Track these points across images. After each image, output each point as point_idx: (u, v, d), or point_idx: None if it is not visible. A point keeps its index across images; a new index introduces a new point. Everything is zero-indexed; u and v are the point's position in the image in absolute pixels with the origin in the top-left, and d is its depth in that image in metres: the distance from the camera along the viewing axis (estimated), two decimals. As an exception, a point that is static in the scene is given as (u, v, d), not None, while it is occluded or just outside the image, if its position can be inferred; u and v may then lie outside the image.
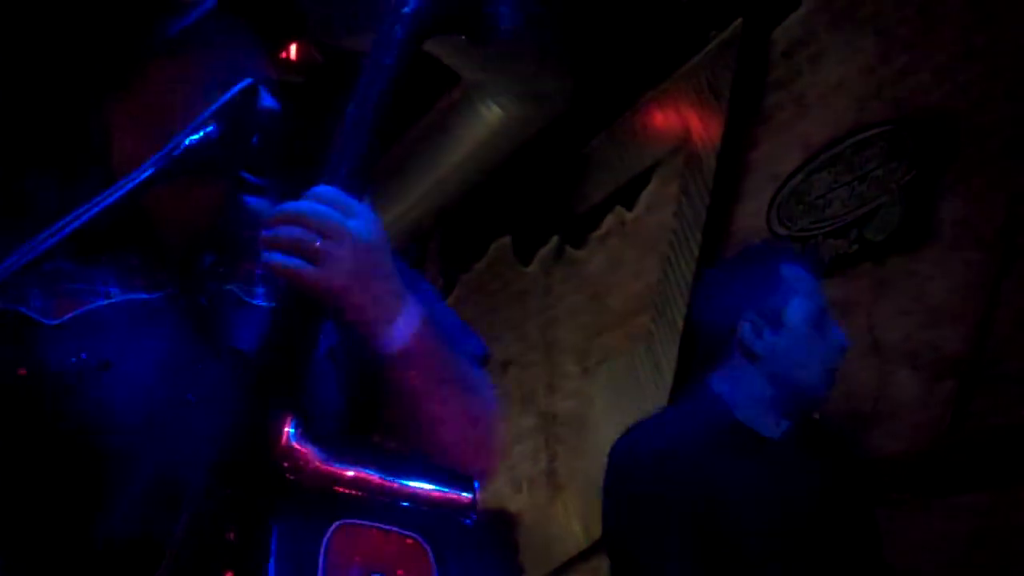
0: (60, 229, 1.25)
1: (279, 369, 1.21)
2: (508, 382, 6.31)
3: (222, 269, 1.58)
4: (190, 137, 1.37)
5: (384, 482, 1.16)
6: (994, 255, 3.56)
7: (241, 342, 1.48)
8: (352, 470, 1.15)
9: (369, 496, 1.15)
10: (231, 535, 1.12)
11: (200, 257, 1.58)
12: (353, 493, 1.14)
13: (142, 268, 1.56)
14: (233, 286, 1.57)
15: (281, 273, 1.27)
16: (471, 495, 1.20)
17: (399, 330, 1.33)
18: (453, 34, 1.35)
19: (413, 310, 1.37)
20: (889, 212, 3.94)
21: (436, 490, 1.19)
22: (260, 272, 1.61)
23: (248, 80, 1.42)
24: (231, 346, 1.49)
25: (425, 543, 1.15)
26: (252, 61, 1.58)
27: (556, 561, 5.61)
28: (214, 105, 1.40)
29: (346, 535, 1.11)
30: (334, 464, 1.15)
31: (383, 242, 1.34)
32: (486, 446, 1.49)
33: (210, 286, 1.56)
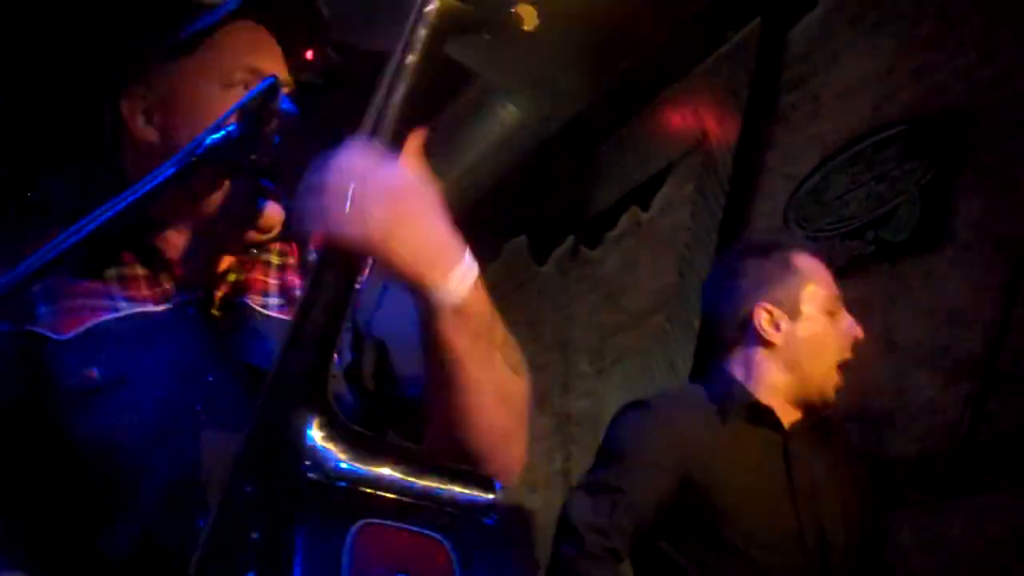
0: (70, 236, 1.26)
1: (302, 369, 1.21)
2: (523, 382, 6.30)
3: (234, 279, 1.58)
4: (211, 136, 1.37)
5: (406, 483, 1.16)
6: (1012, 256, 3.54)
7: (253, 352, 1.48)
8: (375, 471, 1.16)
9: (392, 496, 1.15)
10: (255, 535, 1.13)
11: (210, 266, 1.58)
12: (376, 493, 1.14)
13: (149, 279, 1.56)
14: (245, 296, 1.57)
15: (317, 221, 1.24)
16: (492, 495, 1.21)
17: (456, 280, 1.29)
18: (476, 34, 1.35)
19: (471, 263, 1.32)
20: (906, 212, 3.93)
21: (458, 490, 1.19)
22: (274, 281, 1.61)
23: (269, 80, 1.42)
24: (242, 356, 1.49)
25: (447, 543, 1.15)
26: (270, 61, 1.58)
27: (570, 561, 5.60)
28: (236, 105, 1.41)
29: (369, 535, 1.11)
30: (357, 465, 1.15)
31: (424, 191, 1.30)
32: (516, 433, 1.44)
33: (221, 297, 1.56)
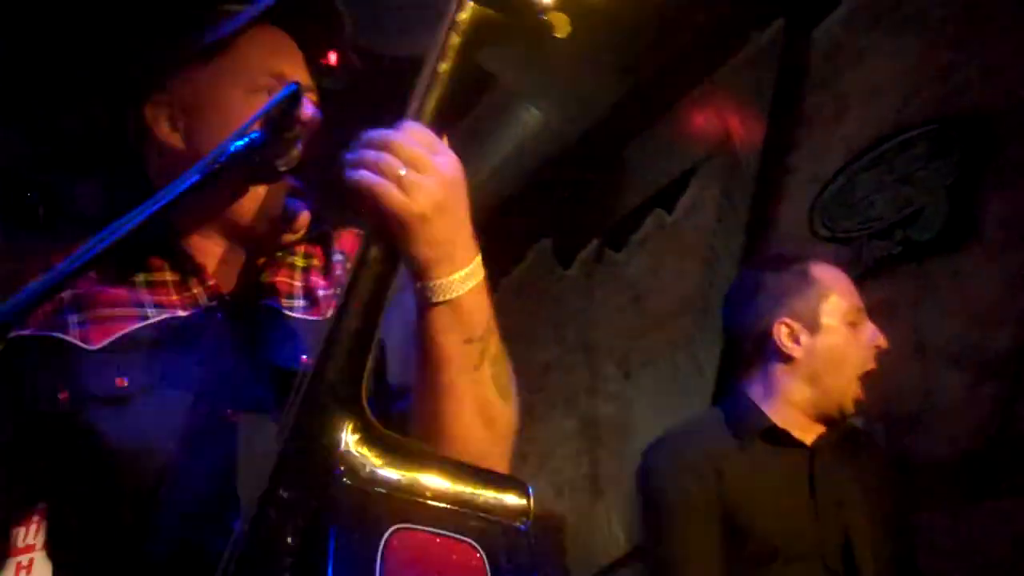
0: (98, 243, 1.26)
1: (337, 373, 1.21)
2: (549, 386, 6.30)
3: (260, 282, 1.58)
4: (236, 142, 1.38)
5: (440, 488, 1.16)
6: (1041, 255, 3.53)
7: (281, 354, 1.48)
8: (408, 475, 1.16)
9: (425, 501, 1.15)
10: (289, 539, 1.13)
11: (237, 269, 1.59)
12: (409, 498, 1.15)
13: (177, 284, 1.56)
14: (271, 299, 1.57)
15: (365, 191, 1.27)
16: (524, 501, 1.21)
17: (459, 279, 1.33)
18: (508, 41, 1.36)
19: (480, 267, 1.36)
20: (933, 212, 3.91)
21: (490, 495, 1.19)
22: (299, 283, 1.61)
23: (292, 86, 1.43)
24: (270, 359, 1.50)
25: (480, 548, 1.15)
26: (293, 67, 1.59)
27: (597, 565, 5.59)
28: (259, 111, 1.41)
29: (402, 540, 1.11)
30: (390, 469, 1.16)
31: (462, 186, 1.35)
32: (494, 457, 1.40)
33: (248, 300, 1.57)
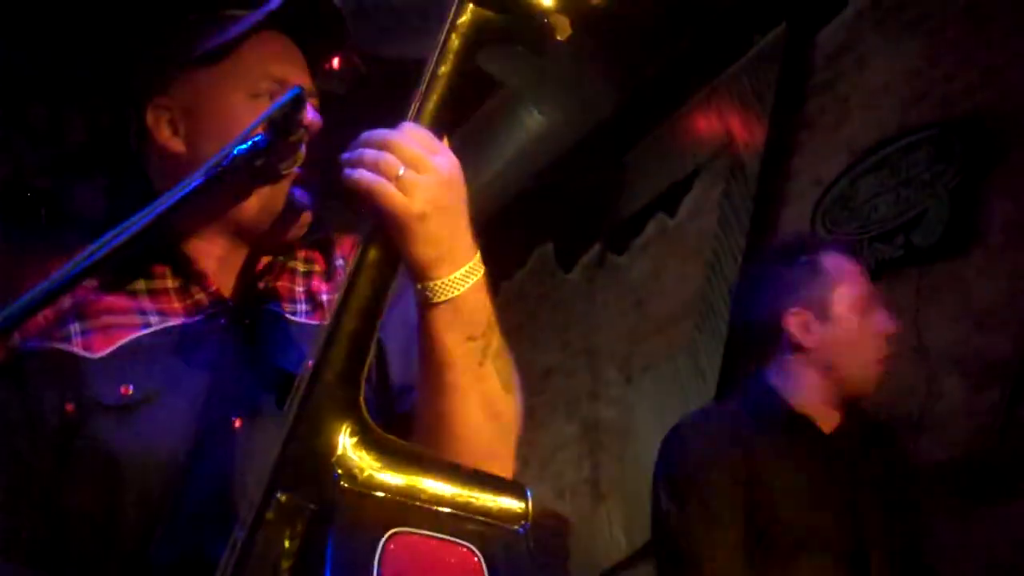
0: (99, 249, 1.26)
1: (335, 376, 1.21)
2: (550, 390, 6.30)
3: (262, 287, 1.58)
4: (239, 147, 1.37)
5: (438, 491, 1.16)
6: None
7: (285, 360, 1.48)
8: (406, 479, 1.16)
9: (423, 505, 1.15)
10: (287, 543, 1.13)
11: (239, 275, 1.58)
12: (407, 502, 1.14)
13: (179, 291, 1.56)
14: (274, 304, 1.57)
15: (364, 191, 1.26)
16: (523, 504, 1.20)
17: (459, 277, 1.32)
18: (508, 44, 1.35)
19: (479, 265, 1.36)
20: (935, 216, 3.91)
21: (489, 498, 1.19)
22: (301, 288, 1.61)
23: (295, 91, 1.43)
24: (274, 364, 1.49)
25: (478, 552, 1.15)
26: (295, 71, 1.59)
27: (599, 569, 5.59)
28: (262, 115, 1.41)
29: (400, 543, 1.11)
30: (388, 473, 1.15)
31: (461, 185, 1.34)
32: (502, 454, 1.42)
33: (251, 305, 1.57)
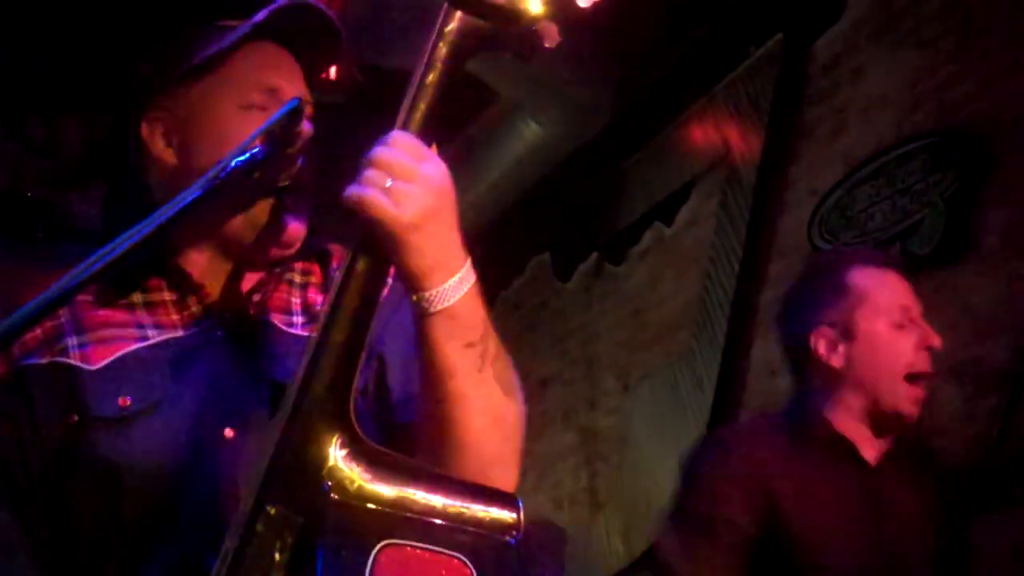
0: (97, 261, 1.26)
1: (324, 388, 1.21)
2: (548, 399, 6.30)
3: (258, 299, 1.58)
4: (236, 159, 1.38)
5: (428, 502, 1.16)
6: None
7: (281, 372, 1.48)
8: (396, 490, 1.15)
9: (414, 516, 1.15)
10: (277, 555, 1.13)
11: (236, 287, 1.59)
12: (398, 513, 1.14)
13: (176, 304, 1.57)
14: (270, 316, 1.58)
15: (354, 204, 1.27)
16: (515, 514, 1.20)
17: (453, 285, 1.31)
18: (496, 52, 1.35)
19: (471, 271, 1.35)
20: (932, 225, 3.91)
21: (480, 509, 1.18)
22: (297, 299, 1.61)
23: (294, 102, 1.43)
24: (271, 376, 1.50)
25: (469, 563, 1.15)
26: (288, 80, 1.59)
27: (597, 578, 5.59)
28: (260, 128, 1.41)
29: (391, 555, 1.11)
30: (379, 484, 1.15)
31: (451, 192, 1.33)
32: (507, 459, 1.41)
33: (247, 317, 1.57)
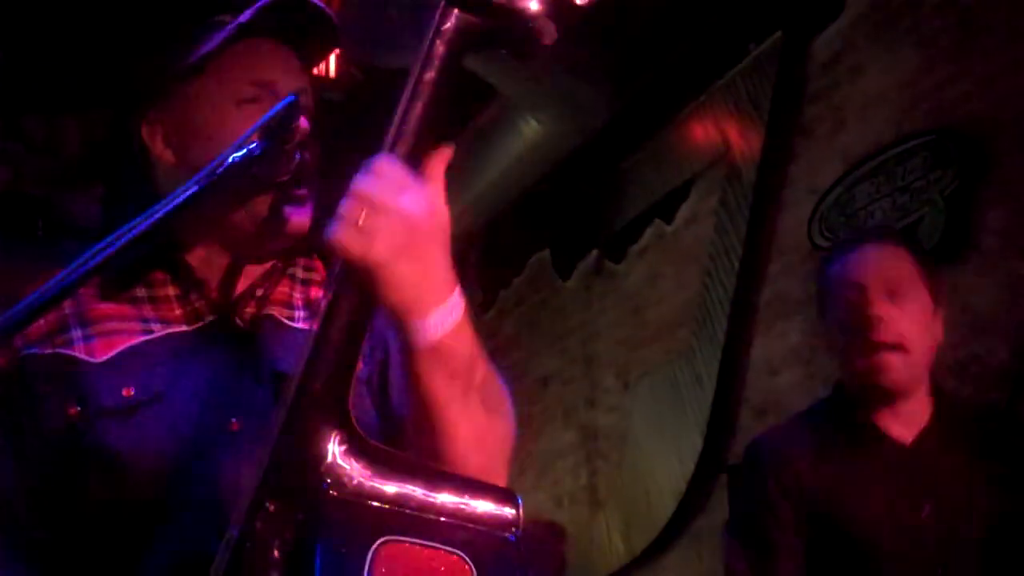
0: (97, 255, 1.26)
1: (322, 384, 1.21)
2: (548, 397, 6.30)
3: (260, 294, 1.58)
4: (234, 154, 1.38)
5: (427, 499, 1.16)
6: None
7: (284, 365, 1.48)
8: (395, 487, 1.15)
9: (412, 513, 1.14)
10: (275, 552, 1.13)
11: (239, 282, 1.59)
12: (397, 510, 1.14)
13: (180, 299, 1.57)
14: (272, 310, 1.58)
15: (329, 243, 1.24)
16: (514, 511, 1.20)
17: (438, 318, 1.27)
18: (494, 49, 1.34)
19: (457, 301, 1.30)
20: (931, 223, 3.91)
21: (479, 506, 1.18)
22: (299, 295, 1.61)
23: (290, 98, 1.43)
24: (274, 370, 1.50)
25: (468, 560, 1.14)
26: (283, 73, 1.58)
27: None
28: (258, 123, 1.41)
29: (390, 552, 1.11)
30: (377, 481, 1.15)
31: (436, 222, 1.27)
32: (494, 472, 1.39)
33: (249, 312, 1.57)
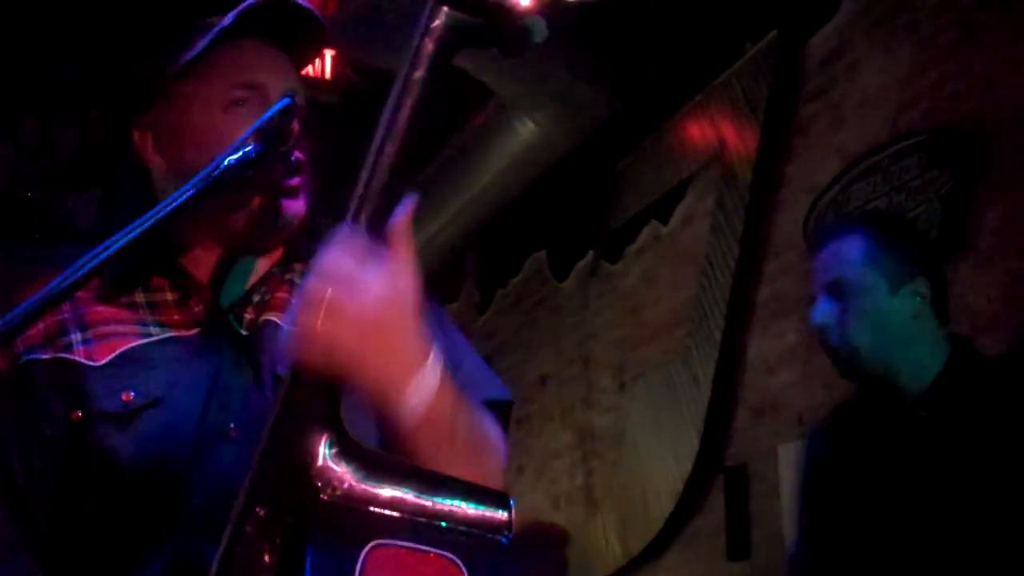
0: (93, 259, 1.26)
1: (313, 388, 1.21)
2: (545, 397, 6.30)
3: (259, 298, 1.58)
4: (229, 158, 1.38)
5: (419, 502, 1.15)
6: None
7: (284, 367, 1.48)
8: (387, 490, 1.15)
9: (404, 516, 1.14)
10: (266, 556, 1.12)
11: (238, 286, 1.59)
12: (388, 513, 1.14)
13: (179, 303, 1.57)
14: (271, 314, 1.58)
15: (287, 345, 1.20)
16: (506, 514, 1.19)
17: (417, 391, 1.23)
18: (485, 47, 1.34)
19: (434, 365, 1.25)
20: (927, 222, 3.91)
21: (471, 509, 1.18)
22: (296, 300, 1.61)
23: (286, 100, 1.43)
24: (274, 374, 1.50)
25: (461, 563, 1.14)
26: (269, 74, 1.58)
27: (594, 577, 5.60)
28: (254, 126, 1.41)
29: (381, 556, 1.10)
30: (369, 484, 1.14)
31: (404, 292, 1.21)
32: None
33: (248, 316, 1.57)
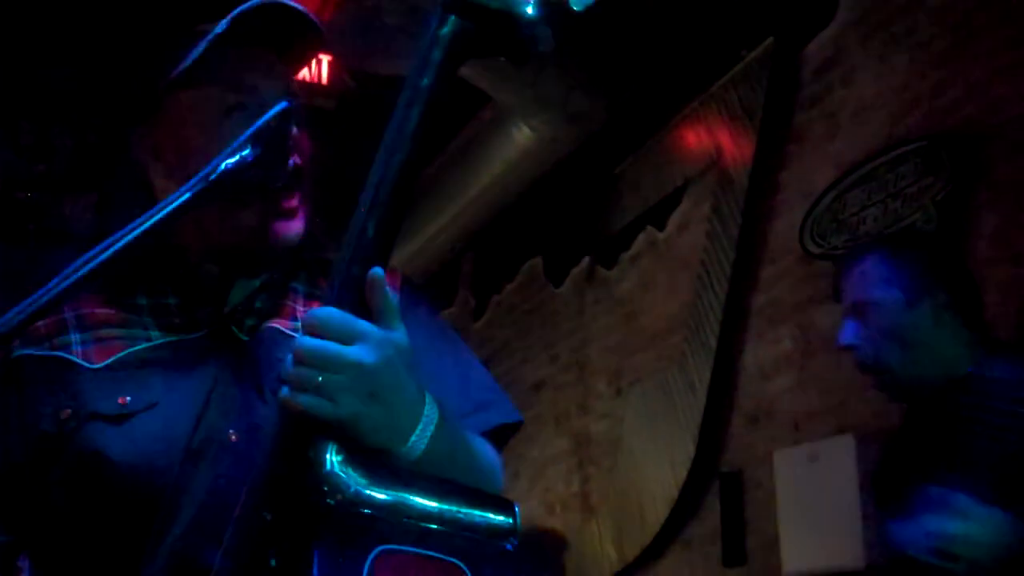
0: (90, 260, 1.25)
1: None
2: (541, 404, 6.30)
3: (260, 305, 1.58)
4: (226, 161, 1.37)
5: (424, 508, 1.15)
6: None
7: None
8: (393, 496, 1.15)
9: (410, 522, 1.14)
10: (272, 561, 1.12)
11: (238, 290, 1.59)
12: (394, 519, 1.14)
13: (180, 308, 1.57)
14: (273, 321, 1.58)
15: (290, 409, 1.23)
16: (511, 520, 1.20)
17: (416, 440, 1.26)
18: (491, 56, 1.34)
19: (431, 411, 1.30)
20: (923, 229, 3.91)
21: (476, 515, 1.18)
22: (301, 307, 1.61)
23: (283, 104, 1.42)
24: (273, 380, 1.49)
25: (466, 568, 1.14)
26: (265, 78, 1.58)
27: (590, 583, 5.59)
28: (250, 130, 1.41)
29: (387, 561, 1.10)
30: (375, 490, 1.15)
31: (392, 357, 1.25)
32: None
33: (250, 322, 1.57)
